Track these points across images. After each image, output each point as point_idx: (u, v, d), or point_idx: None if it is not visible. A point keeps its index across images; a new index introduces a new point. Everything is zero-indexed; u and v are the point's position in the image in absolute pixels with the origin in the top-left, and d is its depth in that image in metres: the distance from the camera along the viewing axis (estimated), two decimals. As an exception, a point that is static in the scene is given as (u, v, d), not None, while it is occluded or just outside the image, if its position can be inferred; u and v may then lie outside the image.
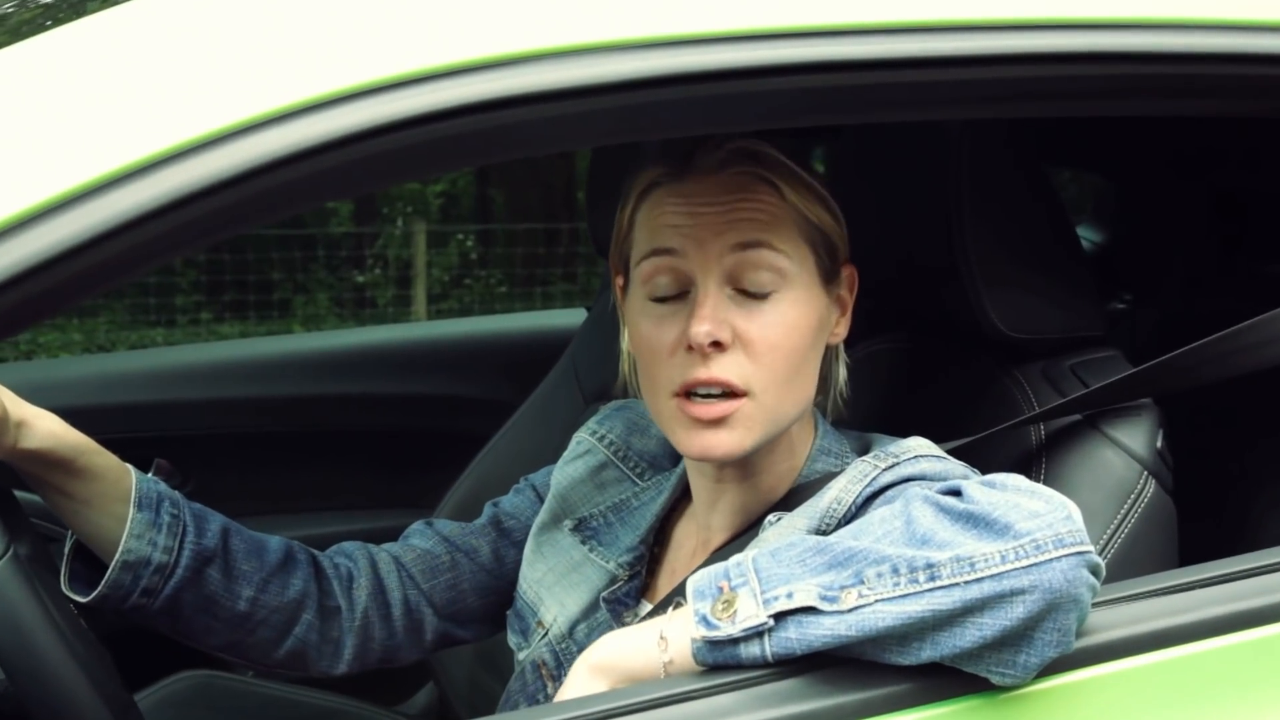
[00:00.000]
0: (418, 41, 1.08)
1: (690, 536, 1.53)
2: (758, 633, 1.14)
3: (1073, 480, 1.50)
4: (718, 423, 1.35)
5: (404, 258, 10.76)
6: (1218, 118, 1.59)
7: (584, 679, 1.23)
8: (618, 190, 1.47)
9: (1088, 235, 2.82)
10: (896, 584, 1.12)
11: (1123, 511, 1.48)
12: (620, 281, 1.47)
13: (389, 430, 2.84)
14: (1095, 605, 1.18)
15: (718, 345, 1.34)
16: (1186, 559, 1.45)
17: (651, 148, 1.45)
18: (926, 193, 1.58)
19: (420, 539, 1.68)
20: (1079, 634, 1.16)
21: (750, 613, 1.15)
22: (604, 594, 1.54)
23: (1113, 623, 1.21)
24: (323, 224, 12.15)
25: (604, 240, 1.73)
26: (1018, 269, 1.57)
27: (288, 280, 10.44)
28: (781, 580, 1.15)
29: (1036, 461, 1.54)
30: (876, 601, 1.12)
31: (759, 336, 1.35)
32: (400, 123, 1.06)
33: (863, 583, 1.13)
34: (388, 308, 10.47)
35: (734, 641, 1.15)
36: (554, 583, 1.60)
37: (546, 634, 1.58)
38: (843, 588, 1.13)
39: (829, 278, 1.42)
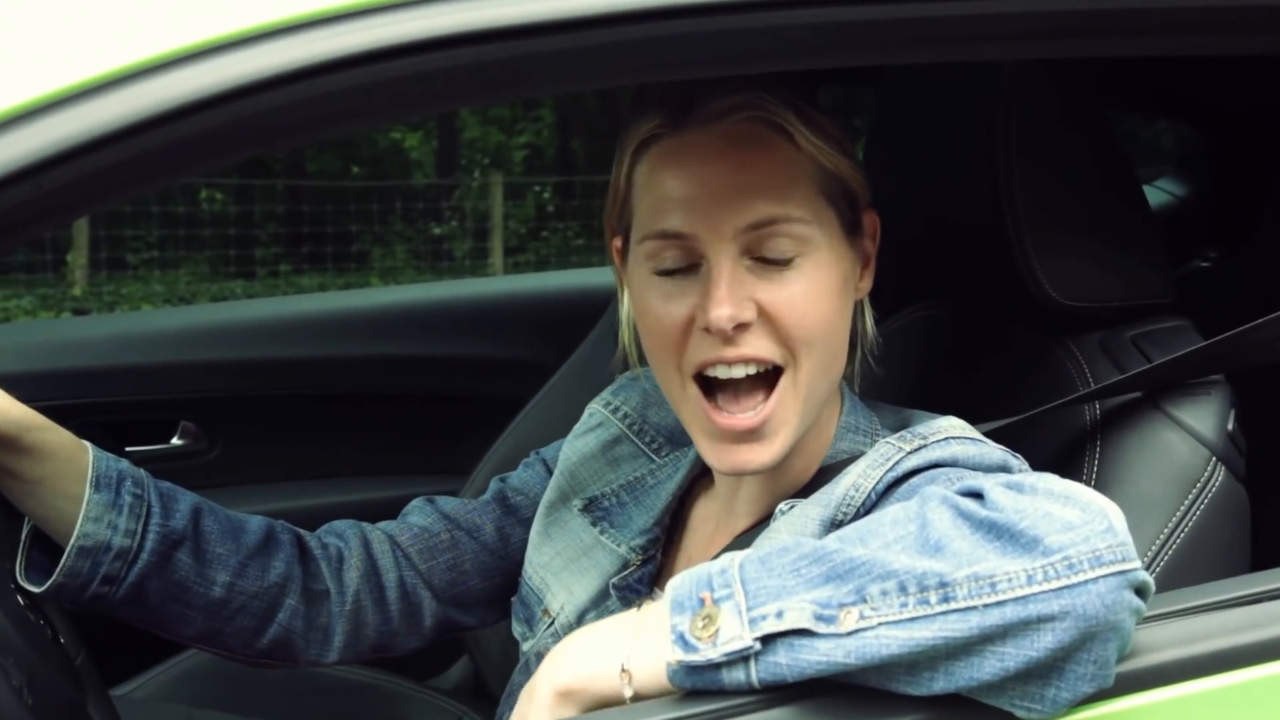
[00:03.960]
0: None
1: (709, 519, 1.41)
2: (742, 657, 1.00)
3: (1131, 466, 1.37)
4: (752, 434, 1.22)
5: (481, 210, 10.73)
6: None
7: (548, 704, 1.10)
8: None
9: (1170, 188, 2.66)
10: (904, 604, 0.98)
11: (1187, 502, 1.35)
12: (618, 244, 1.33)
13: (423, 393, 2.73)
14: (1144, 621, 1.04)
15: (742, 326, 1.20)
16: (1261, 558, 1.32)
17: (647, 98, 1.30)
18: (972, 144, 1.44)
19: (419, 516, 1.57)
20: (1122, 658, 1.01)
21: (733, 633, 1.01)
22: (614, 580, 1.42)
23: (1164, 641, 1.07)
24: (402, 176, 12.16)
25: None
26: (1073, 229, 1.43)
27: (366, 232, 10.45)
28: (771, 595, 1.01)
29: (1090, 445, 1.40)
30: (880, 624, 0.98)
31: (786, 309, 1.22)
32: (332, 63, 0.92)
33: (865, 601, 0.99)
34: (465, 260, 10.46)
35: (715, 666, 1.01)
36: (562, 568, 1.48)
37: (553, 623, 1.47)
38: (841, 605, 0.99)
39: (852, 230, 1.29)
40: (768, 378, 1.23)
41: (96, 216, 9.22)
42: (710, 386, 1.24)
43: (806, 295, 1.22)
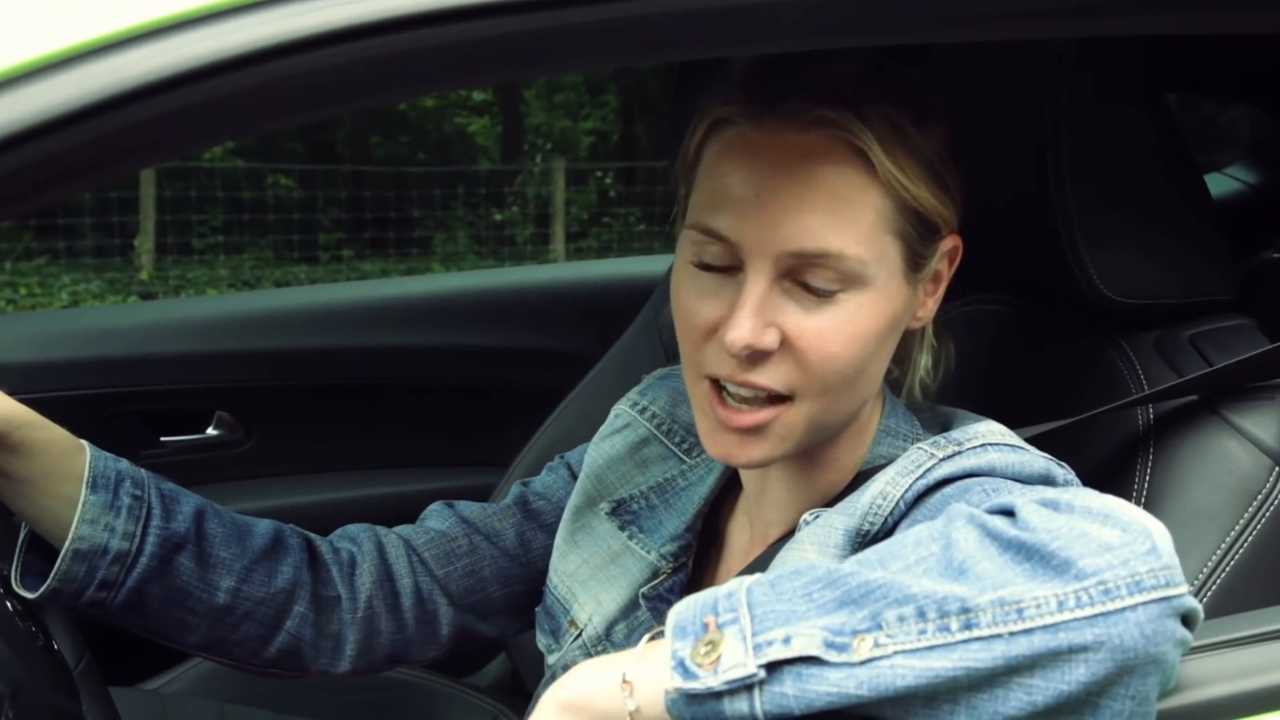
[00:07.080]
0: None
1: (745, 527, 1.34)
2: (745, 685, 0.93)
3: (1186, 476, 1.30)
4: (748, 431, 1.16)
5: (543, 195, 10.73)
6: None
7: (552, 718, 1.03)
8: None
9: (1242, 175, 2.56)
10: (922, 631, 0.90)
11: (1247, 515, 1.27)
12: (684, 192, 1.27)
13: (462, 384, 2.67)
14: (1193, 651, 0.96)
15: (759, 355, 1.14)
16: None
17: (733, 71, 1.23)
18: (1019, 128, 1.37)
19: (436, 520, 1.52)
20: (1165, 693, 0.93)
21: (736, 660, 0.93)
22: (644, 590, 1.35)
23: (1213, 675, 0.99)
24: (466, 161, 12.17)
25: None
26: (1126, 219, 1.36)
27: (428, 217, 10.48)
28: (779, 620, 0.94)
29: (1142, 452, 1.33)
30: (896, 653, 0.91)
31: (813, 344, 1.14)
32: (293, 45, 0.86)
33: (880, 627, 0.91)
34: (526, 245, 10.47)
35: (715, 695, 0.94)
36: (589, 576, 1.42)
37: (580, 635, 1.40)
38: (855, 632, 0.92)
39: (917, 265, 1.19)
40: (779, 399, 1.16)
41: (163, 201, 9.31)
42: (721, 387, 1.18)
43: (839, 333, 1.14)
